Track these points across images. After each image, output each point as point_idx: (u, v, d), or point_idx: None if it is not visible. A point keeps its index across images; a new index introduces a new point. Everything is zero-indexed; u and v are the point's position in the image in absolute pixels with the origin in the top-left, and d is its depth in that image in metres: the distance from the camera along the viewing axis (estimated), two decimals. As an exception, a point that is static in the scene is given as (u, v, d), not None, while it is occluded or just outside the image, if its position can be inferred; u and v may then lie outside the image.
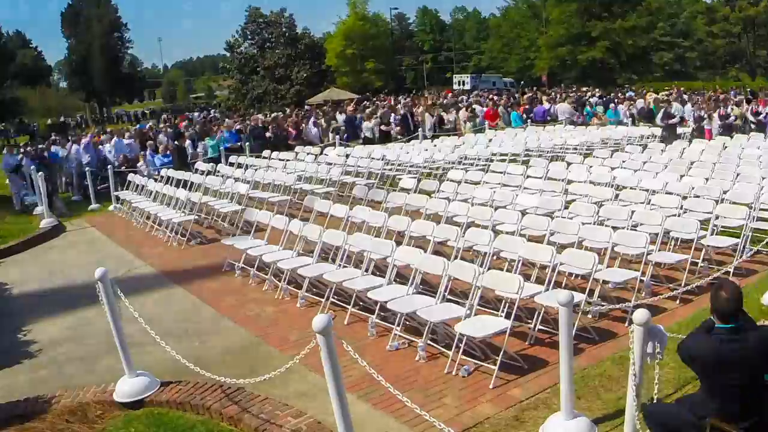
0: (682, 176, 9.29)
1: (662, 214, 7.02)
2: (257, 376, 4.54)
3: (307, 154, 14.72)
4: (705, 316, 3.65)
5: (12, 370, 6.05)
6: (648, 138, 14.42)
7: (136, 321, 5.24)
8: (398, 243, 6.78)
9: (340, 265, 6.89)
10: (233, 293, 7.56)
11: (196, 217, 10.55)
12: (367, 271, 6.61)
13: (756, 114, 15.42)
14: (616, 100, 22.90)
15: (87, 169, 14.27)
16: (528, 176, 10.08)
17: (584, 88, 32.28)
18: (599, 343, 5.44)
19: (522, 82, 51.48)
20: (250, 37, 48.92)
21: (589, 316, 5.83)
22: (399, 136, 18.52)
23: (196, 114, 36.90)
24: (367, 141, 18.35)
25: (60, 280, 8.82)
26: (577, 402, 4.35)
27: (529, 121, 19.79)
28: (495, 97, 27.02)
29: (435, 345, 5.46)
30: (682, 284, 6.22)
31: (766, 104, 17.13)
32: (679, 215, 7.40)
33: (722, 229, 7.34)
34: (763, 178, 8.71)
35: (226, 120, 22.48)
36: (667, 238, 7.13)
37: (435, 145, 15.53)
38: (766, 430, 3.40)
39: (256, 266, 7.72)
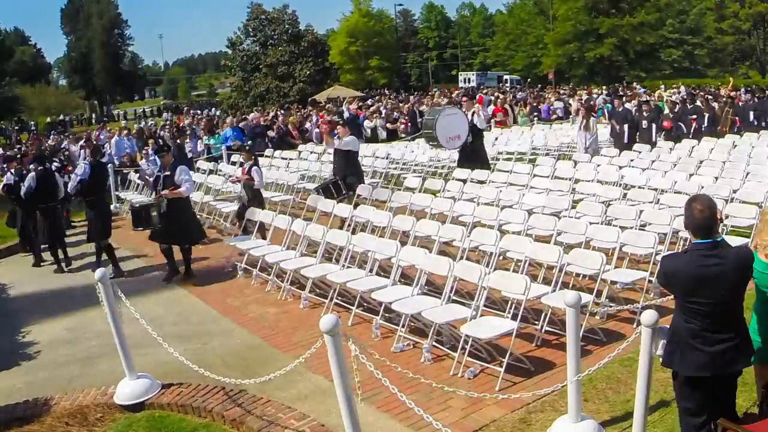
0: (691, 175, 9.21)
1: (671, 214, 6.92)
2: (260, 378, 4.49)
3: (310, 152, 14.66)
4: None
5: (10, 372, 6.01)
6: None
7: (136, 322, 5.20)
8: (403, 243, 6.70)
9: (343, 265, 6.83)
10: (235, 294, 7.51)
11: (198, 216, 10.49)
12: (371, 271, 6.54)
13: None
14: (624, 98, 22.67)
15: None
16: (534, 175, 10.01)
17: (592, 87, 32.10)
18: (607, 345, 5.34)
19: (528, 80, 51.27)
20: (252, 34, 48.67)
21: (597, 317, 5.75)
22: (403, 135, 18.48)
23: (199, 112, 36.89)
24: (370, 139, 18.33)
25: (59, 280, 8.77)
26: (585, 404, 4.29)
27: (535, 118, 19.71)
28: (501, 95, 26.90)
29: (440, 347, 5.39)
30: (692, 285, 6.11)
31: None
32: (688, 215, 7.29)
33: (732, 228, 7.22)
34: (774, 177, 8.61)
35: (228, 117, 22.47)
36: (675, 238, 7.03)
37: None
38: (744, 347, 3.42)
39: (258, 267, 7.66)
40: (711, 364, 3.34)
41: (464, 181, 9.82)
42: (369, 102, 28.47)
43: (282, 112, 25.14)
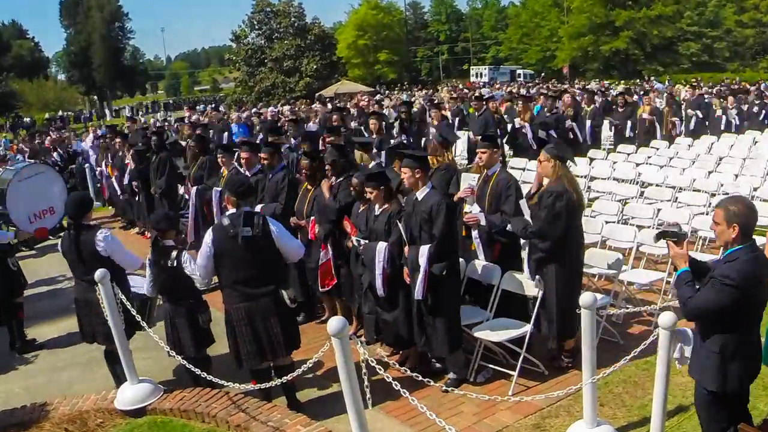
0: (710, 172, 9.11)
1: (689, 213, 6.86)
2: (265, 384, 4.40)
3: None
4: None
5: (7, 376, 5.96)
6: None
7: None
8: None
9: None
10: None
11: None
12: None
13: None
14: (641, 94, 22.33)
15: (86, 166, 13.88)
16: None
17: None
18: (623, 348, 5.21)
19: (542, 74, 50.85)
20: (257, 27, 48.26)
21: (613, 319, 5.66)
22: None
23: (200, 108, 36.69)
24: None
25: (58, 281, 8.64)
26: (601, 409, 4.24)
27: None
28: (513, 91, 26.65)
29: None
30: (711, 286, 5.97)
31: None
32: (707, 213, 7.20)
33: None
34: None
35: (234, 114, 22.31)
36: (694, 238, 6.94)
37: (451, 140, 15.29)
38: None
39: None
40: (758, 369, 3.29)
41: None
42: (378, 97, 28.29)
43: (287, 108, 24.99)
